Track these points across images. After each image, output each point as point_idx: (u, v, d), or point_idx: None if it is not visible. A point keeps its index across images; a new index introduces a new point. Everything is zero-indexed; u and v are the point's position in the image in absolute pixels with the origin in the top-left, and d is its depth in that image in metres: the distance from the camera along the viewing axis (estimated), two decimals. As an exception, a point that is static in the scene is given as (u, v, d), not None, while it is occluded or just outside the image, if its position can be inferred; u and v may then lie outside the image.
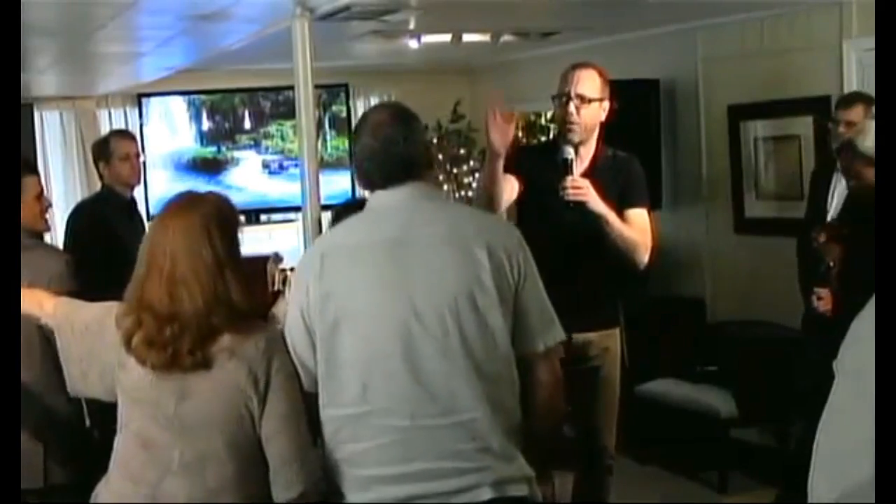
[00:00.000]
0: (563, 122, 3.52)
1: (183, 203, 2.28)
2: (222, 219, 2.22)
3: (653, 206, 3.82)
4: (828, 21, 4.87)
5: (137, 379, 2.21)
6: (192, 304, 2.15)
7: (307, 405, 2.25)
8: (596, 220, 3.40)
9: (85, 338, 2.33)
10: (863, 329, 1.33)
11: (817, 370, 1.76)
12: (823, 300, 3.74)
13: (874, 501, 1.20)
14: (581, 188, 3.38)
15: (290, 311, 2.30)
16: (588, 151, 3.55)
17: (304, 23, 3.58)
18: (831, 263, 3.71)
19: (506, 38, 5.68)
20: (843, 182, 3.80)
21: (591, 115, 3.48)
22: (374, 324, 2.20)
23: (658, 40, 5.80)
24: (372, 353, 2.19)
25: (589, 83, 3.48)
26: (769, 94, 5.26)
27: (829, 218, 3.89)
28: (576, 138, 3.48)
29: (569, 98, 3.47)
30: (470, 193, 7.45)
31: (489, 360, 2.21)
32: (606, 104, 3.52)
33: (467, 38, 5.57)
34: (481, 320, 2.20)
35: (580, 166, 3.52)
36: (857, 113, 3.93)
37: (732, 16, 5.27)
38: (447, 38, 5.51)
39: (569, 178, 3.39)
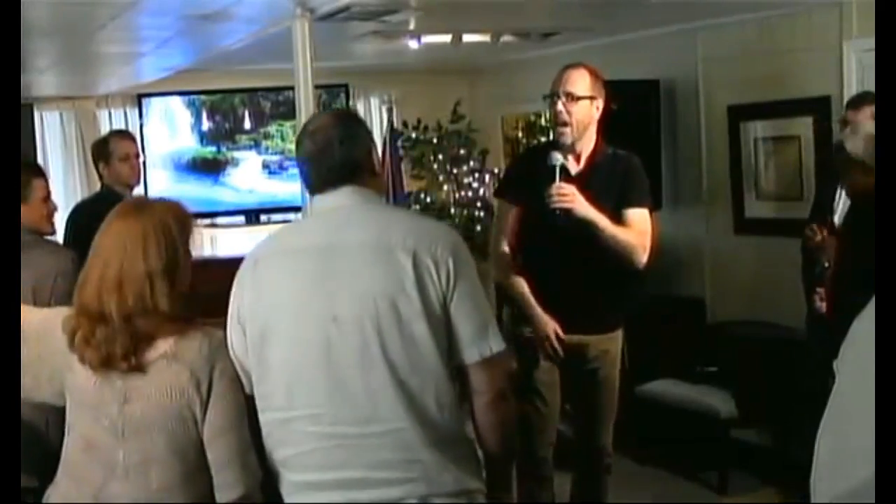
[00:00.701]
0: (554, 120, 3.53)
1: (128, 209, 2.31)
2: (162, 228, 2.22)
3: (653, 206, 3.81)
4: (828, 21, 4.87)
5: (82, 381, 2.22)
6: (116, 308, 2.16)
7: (249, 407, 2.25)
8: (587, 225, 3.39)
9: (34, 343, 2.32)
10: (863, 329, 1.33)
11: (821, 370, 1.76)
12: (825, 300, 3.73)
13: (875, 501, 1.20)
14: (567, 195, 3.36)
15: (229, 315, 2.29)
16: (585, 150, 3.54)
17: (304, 23, 3.59)
18: (826, 264, 3.71)
19: (506, 38, 5.68)
20: None
21: (582, 112, 3.47)
22: (298, 330, 2.18)
23: (658, 40, 5.80)
24: (296, 359, 2.17)
25: (578, 81, 3.48)
26: (769, 94, 5.26)
27: (836, 219, 3.88)
28: (568, 138, 3.48)
29: (557, 97, 3.48)
30: (469, 194, 7.45)
31: (413, 371, 2.13)
32: (600, 102, 3.51)
33: (467, 38, 5.56)
34: (404, 329, 2.12)
35: (578, 165, 3.52)
36: (866, 114, 3.85)
37: (732, 16, 5.26)
38: (447, 38, 5.50)
39: (554, 186, 3.37)
